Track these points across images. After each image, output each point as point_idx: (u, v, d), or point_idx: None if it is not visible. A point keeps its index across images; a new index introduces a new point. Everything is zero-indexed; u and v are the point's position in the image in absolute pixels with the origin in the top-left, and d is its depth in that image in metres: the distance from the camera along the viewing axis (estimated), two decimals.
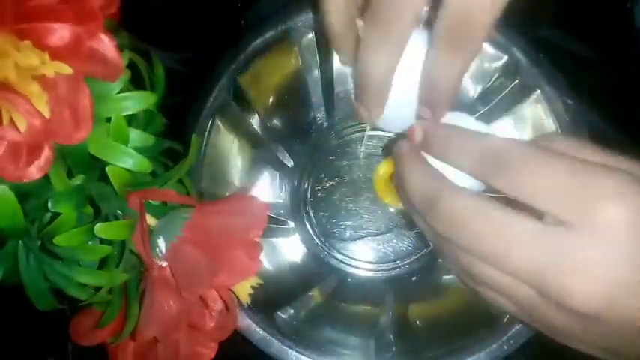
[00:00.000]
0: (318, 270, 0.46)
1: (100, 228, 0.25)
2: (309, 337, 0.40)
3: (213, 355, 0.31)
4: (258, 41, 0.42)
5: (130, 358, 0.30)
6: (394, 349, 0.40)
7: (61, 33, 0.20)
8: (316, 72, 0.46)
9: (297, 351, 0.39)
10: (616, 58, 0.48)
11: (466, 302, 0.43)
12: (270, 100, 0.46)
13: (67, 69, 0.20)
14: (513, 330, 0.38)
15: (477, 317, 0.41)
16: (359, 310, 0.45)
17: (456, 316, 0.43)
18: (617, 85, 0.48)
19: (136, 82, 0.28)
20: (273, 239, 0.46)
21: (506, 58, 0.42)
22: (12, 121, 0.21)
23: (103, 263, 0.28)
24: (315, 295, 0.44)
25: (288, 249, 0.46)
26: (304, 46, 0.44)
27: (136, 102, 0.26)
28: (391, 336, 0.41)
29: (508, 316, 0.39)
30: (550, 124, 0.41)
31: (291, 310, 0.42)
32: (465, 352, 0.38)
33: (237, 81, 0.42)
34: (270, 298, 0.42)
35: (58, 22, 0.20)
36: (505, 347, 0.38)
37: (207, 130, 0.42)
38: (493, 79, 0.44)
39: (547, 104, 0.41)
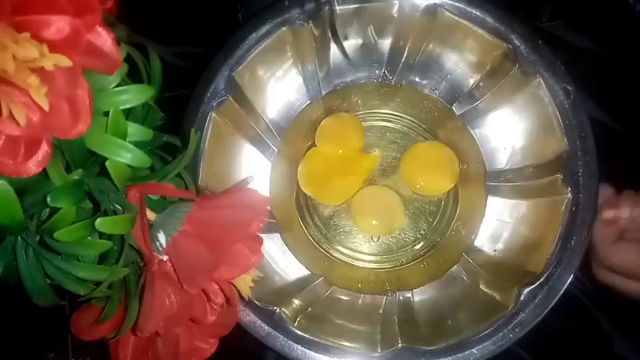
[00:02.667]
0: (321, 263, 0.46)
1: (100, 222, 0.25)
2: (314, 330, 0.40)
3: (213, 351, 0.31)
4: (254, 35, 0.42)
5: (130, 353, 0.29)
6: (400, 341, 0.40)
7: (58, 25, 0.20)
8: (314, 65, 0.45)
9: (303, 346, 0.39)
10: (615, 50, 0.48)
11: (470, 293, 0.43)
12: (268, 94, 0.46)
13: (66, 61, 0.20)
14: (519, 318, 0.38)
15: (481, 307, 0.41)
16: (363, 302, 0.45)
17: (460, 306, 0.43)
18: (616, 76, 0.48)
19: (133, 76, 0.28)
20: (276, 234, 0.46)
21: (505, 45, 0.42)
22: (9, 116, 0.21)
23: (102, 258, 0.28)
24: (318, 288, 0.44)
25: (291, 243, 0.46)
26: (301, 39, 0.44)
27: (133, 95, 0.26)
28: (396, 327, 0.41)
29: (513, 304, 0.39)
30: (550, 111, 0.41)
31: (296, 302, 0.42)
32: (471, 342, 0.38)
33: (234, 75, 0.42)
34: (274, 292, 0.42)
35: (55, 15, 0.19)
36: (511, 335, 0.38)
37: (205, 124, 0.42)
38: (492, 66, 0.44)
39: (547, 91, 0.41)
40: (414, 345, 0.39)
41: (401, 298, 0.44)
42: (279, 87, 0.46)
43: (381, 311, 0.43)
